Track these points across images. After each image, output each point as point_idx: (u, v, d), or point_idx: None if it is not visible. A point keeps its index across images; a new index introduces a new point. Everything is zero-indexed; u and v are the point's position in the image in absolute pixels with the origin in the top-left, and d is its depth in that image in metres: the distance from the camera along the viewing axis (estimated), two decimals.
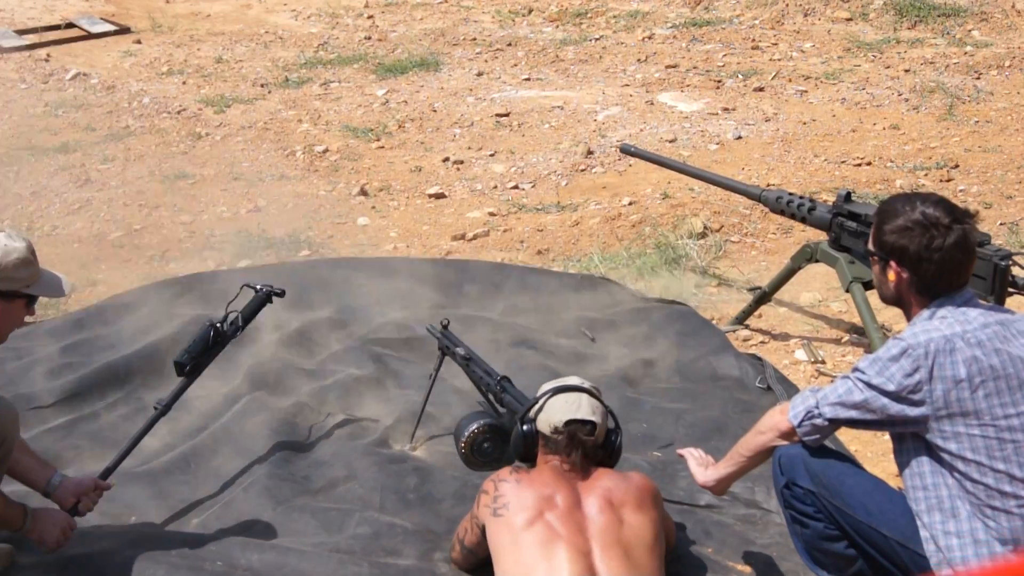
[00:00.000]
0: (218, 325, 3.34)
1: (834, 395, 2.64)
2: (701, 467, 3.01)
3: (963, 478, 2.53)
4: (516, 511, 2.76)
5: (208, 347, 3.33)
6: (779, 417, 2.76)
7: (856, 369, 2.62)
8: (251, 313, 3.48)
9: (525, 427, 2.97)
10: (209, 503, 3.43)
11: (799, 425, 2.69)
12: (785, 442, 2.76)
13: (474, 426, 3.27)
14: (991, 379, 2.51)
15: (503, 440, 3.24)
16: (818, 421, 2.67)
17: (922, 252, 2.58)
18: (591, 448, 2.90)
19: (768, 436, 2.78)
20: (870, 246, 2.74)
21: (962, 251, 2.59)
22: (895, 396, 2.54)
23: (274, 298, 3.54)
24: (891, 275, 2.66)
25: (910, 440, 2.62)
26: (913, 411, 2.54)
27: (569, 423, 2.89)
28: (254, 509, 3.37)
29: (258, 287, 3.53)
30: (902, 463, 2.65)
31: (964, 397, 2.50)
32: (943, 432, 2.53)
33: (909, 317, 2.70)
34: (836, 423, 2.67)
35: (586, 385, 3.00)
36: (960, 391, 2.50)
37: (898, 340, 2.57)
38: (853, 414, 2.62)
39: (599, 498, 2.80)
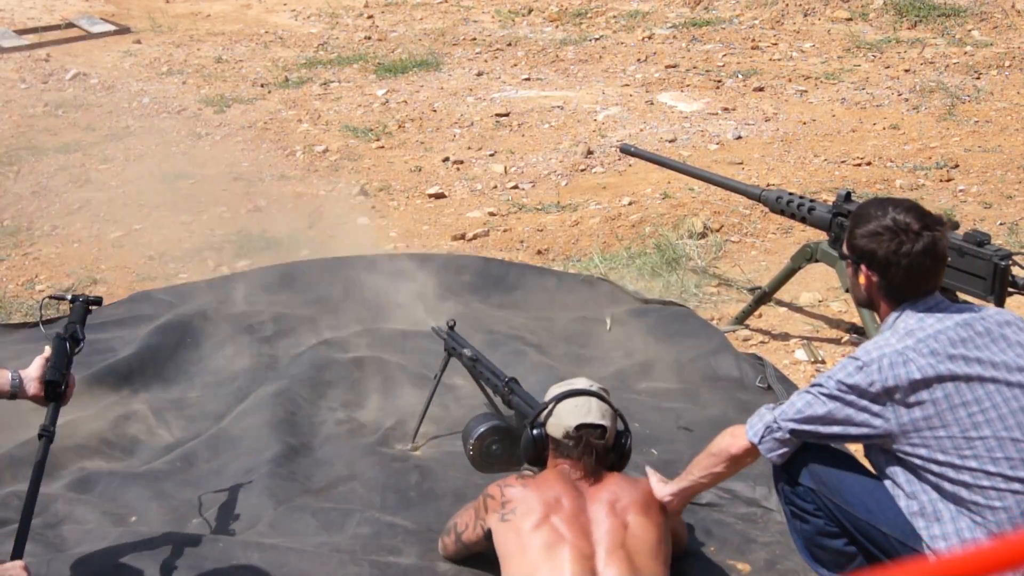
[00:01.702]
0: (65, 337, 2.96)
1: (792, 410, 2.67)
2: (661, 483, 3.00)
3: (940, 479, 2.57)
4: (523, 515, 2.77)
5: (68, 360, 2.94)
6: (728, 440, 2.79)
7: (815, 384, 2.66)
8: (81, 322, 3.05)
9: (535, 432, 2.98)
10: (209, 503, 3.43)
11: (760, 442, 2.71)
12: (734, 467, 2.80)
13: (483, 428, 3.28)
14: (950, 382, 2.55)
15: (511, 442, 3.26)
16: (778, 435, 2.70)
17: (890, 257, 2.63)
18: (602, 451, 2.91)
19: (718, 458, 2.81)
20: (844, 249, 2.79)
21: (930, 257, 2.63)
22: (857, 407, 2.59)
23: (99, 304, 3.16)
24: (862, 278, 2.73)
25: (881, 454, 2.67)
26: (876, 421, 2.58)
27: (580, 427, 2.90)
28: (255, 509, 3.37)
29: (68, 296, 3.12)
30: (879, 472, 2.70)
31: (924, 402, 2.54)
32: (910, 441, 2.57)
33: (880, 318, 2.76)
34: (798, 435, 2.69)
35: (594, 388, 3.00)
36: (919, 399, 2.54)
37: (852, 359, 2.63)
38: (817, 427, 2.65)
39: (604, 503, 2.81)
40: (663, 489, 2.98)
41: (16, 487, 3.45)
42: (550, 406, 2.97)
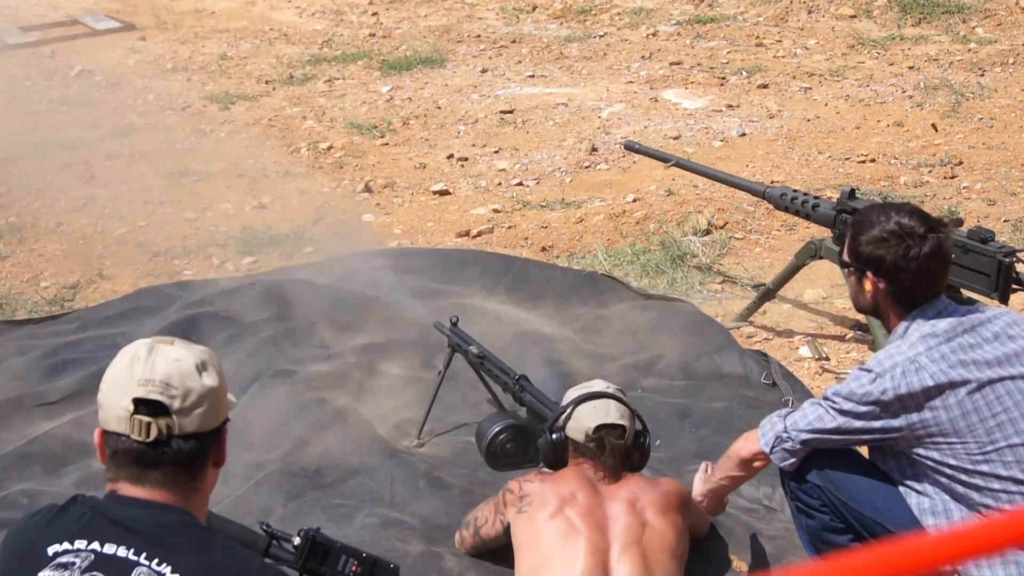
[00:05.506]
0: None
1: (804, 421, 2.68)
2: (701, 481, 3.08)
3: (952, 482, 2.57)
4: (538, 507, 2.82)
5: None
6: (742, 444, 2.83)
7: (826, 397, 2.67)
8: None
9: (555, 436, 3.00)
10: (220, 498, 3.43)
11: (771, 451, 2.73)
12: (748, 471, 2.85)
13: (497, 427, 3.31)
14: (962, 387, 2.54)
15: (525, 439, 3.29)
16: (788, 445, 2.72)
17: (899, 262, 2.62)
18: (622, 451, 2.94)
19: (734, 462, 2.86)
20: (845, 257, 2.76)
21: (938, 260, 2.63)
22: (868, 418, 2.59)
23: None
24: (867, 285, 2.70)
25: (891, 454, 2.67)
26: (888, 430, 2.59)
27: (599, 428, 2.92)
28: (266, 503, 3.38)
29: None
30: (887, 472, 2.70)
31: (937, 409, 2.54)
32: (923, 444, 2.58)
33: (887, 326, 2.74)
34: (808, 444, 2.71)
35: (611, 389, 3.04)
36: (932, 405, 2.54)
37: (864, 370, 2.62)
38: (827, 437, 2.67)
39: (624, 501, 2.84)
40: (699, 488, 3.06)
41: (25, 485, 3.46)
42: (568, 410, 3.00)
